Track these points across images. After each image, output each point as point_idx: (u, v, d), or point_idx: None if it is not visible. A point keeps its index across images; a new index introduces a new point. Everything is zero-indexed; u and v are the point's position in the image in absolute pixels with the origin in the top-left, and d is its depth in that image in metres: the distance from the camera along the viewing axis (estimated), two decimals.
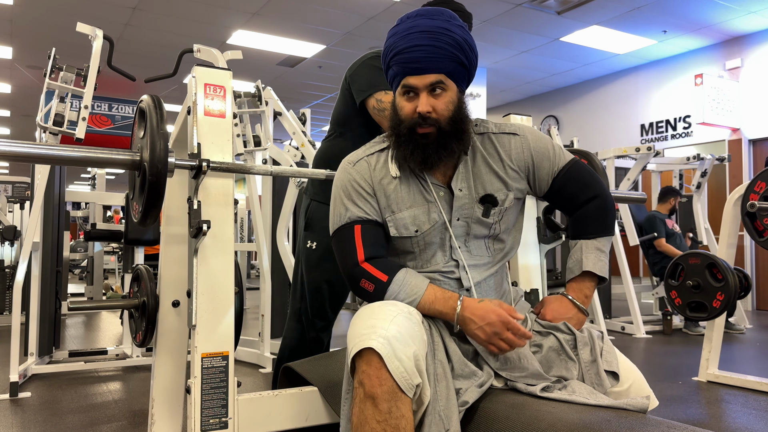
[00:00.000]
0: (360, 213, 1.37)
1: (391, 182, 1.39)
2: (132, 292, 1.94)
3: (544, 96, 9.29)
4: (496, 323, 1.24)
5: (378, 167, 1.41)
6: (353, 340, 1.21)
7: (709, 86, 6.59)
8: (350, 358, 1.22)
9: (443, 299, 1.30)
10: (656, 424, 1.10)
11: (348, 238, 1.36)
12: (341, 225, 1.39)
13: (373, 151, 1.43)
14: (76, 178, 17.90)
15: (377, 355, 1.15)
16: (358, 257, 1.34)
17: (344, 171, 1.42)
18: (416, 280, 1.32)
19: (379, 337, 1.17)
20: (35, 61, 7.60)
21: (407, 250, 1.41)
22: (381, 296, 1.31)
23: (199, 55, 3.34)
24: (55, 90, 3.19)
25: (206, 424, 1.42)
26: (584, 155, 2.17)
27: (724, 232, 3.13)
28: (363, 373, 1.17)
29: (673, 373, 3.47)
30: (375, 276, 1.32)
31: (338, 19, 6.35)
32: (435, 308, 1.30)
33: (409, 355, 1.17)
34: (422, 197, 1.38)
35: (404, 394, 1.16)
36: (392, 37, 1.35)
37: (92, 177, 7.03)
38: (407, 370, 1.16)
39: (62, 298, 4.85)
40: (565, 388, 1.29)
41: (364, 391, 1.17)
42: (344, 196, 1.40)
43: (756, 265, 6.74)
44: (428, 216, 1.37)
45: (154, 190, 1.37)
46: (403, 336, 1.19)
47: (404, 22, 1.35)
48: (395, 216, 1.38)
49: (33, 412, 2.68)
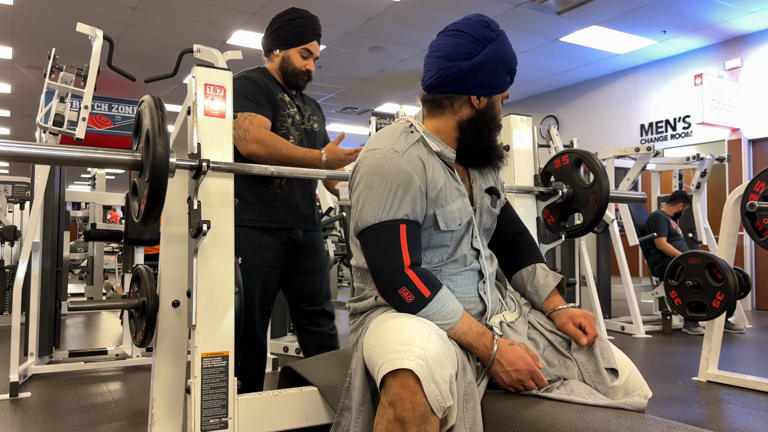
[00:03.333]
0: (408, 211, 1.31)
1: (440, 175, 1.37)
2: (132, 292, 1.94)
3: (544, 96, 9.29)
4: (524, 371, 1.26)
5: (426, 160, 1.36)
6: (386, 355, 1.17)
7: (708, 86, 6.59)
8: (381, 374, 1.16)
9: (477, 333, 1.29)
10: (656, 423, 1.10)
11: (391, 237, 1.29)
12: (385, 221, 1.30)
13: (413, 141, 1.37)
14: (76, 178, 17.90)
15: (414, 377, 1.12)
16: (404, 261, 1.28)
17: (389, 159, 1.32)
18: (455, 305, 1.30)
19: (417, 357, 1.13)
20: (35, 61, 7.60)
21: (443, 244, 1.39)
22: (416, 310, 1.27)
23: (199, 55, 3.35)
24: (55, 90, 3.19)
25: (206, 424, 1.43)
26: (584, 155, 2.17)
27: (723, 232, 3.13)
28: (396, 396, 1.13)
29: (672, 373, 3.48)
30: (418, 288, 1.27)
31: (338, 19, 6.35)
32: (466, 339, 1.28)
33: (446, 377, 1.15)
34: (457, 191, 1.40)
35: (434, 415, 1.14)
36: (511, 48, 1.41)
37: (92, 177, 7.04)
38: (442, 393, 1.14)
39: (62, 298, 4.85)
40: (564, 387, 1.30)
41: (394, 414, 1.13)
42: (393, 188, 1.30)
43: (756, 265, 6.74)
44: (466, 209, 1.40)
45: (155, 191, 1.37)
46: (440, 357, 1.16)
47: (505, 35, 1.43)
48: (444, 209, 1.35)
49: (33, 412, 2.68)
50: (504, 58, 1.38)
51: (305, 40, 2.12)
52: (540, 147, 3.11)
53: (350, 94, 9.46)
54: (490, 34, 1.37)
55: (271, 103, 2.06)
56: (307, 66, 2.14)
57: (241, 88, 1.98)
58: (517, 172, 2.16)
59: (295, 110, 2.14)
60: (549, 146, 5.42)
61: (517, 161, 2.17)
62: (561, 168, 2.20)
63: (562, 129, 8.86)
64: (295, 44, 2.12)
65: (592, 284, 4.87)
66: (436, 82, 1.39)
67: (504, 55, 1.38)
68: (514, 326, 1.43)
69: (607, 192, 2.06)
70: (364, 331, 1.36)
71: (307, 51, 2.13)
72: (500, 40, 1.38)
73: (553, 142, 5.37)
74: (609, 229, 5.15)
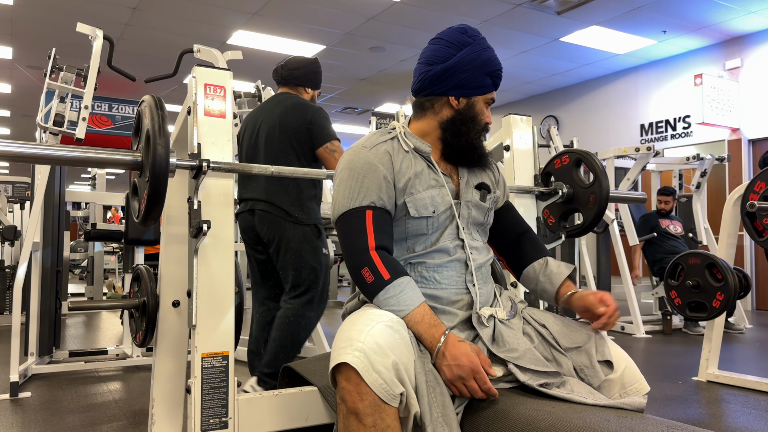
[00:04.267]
0: (374, 198, 1.38)
1: (410, 167, 1.43)
2: (132, 292, 1.94)
3: (544, 96, 9.29)
4: (465, 368, 1.23)
5: (394, 153, 1.44)
6: (332, 354, 1.23)
7: (708, 86, 6.59)
8: (329, 372, 1.22)
9: (429, 324, 1.30)
10: (656, 423, 1.11)
11: (358, 222, 1.36)
12: (352, 208, 1.38)
13: (386, 139, 1.47)
14: (76, 178, 17.90)
15: (354, 369, 1.16)
16: (369, 243, 1.34)
17: (357, 154, 1.43)
18: (414, 294, 1.32)
19: (355, 350, 1.17)
20: (35, 61, 7.60)
21: (420, 233, 1.43)
22: (376, 292, 1.31)
23: (199, 55, 3.35)
24: (55, 90, 3.19)
25: (206, 424, 1.43)
26: (584, 155, 2.17)
27: (723, 232, 3.13)
28: (343, 390, 1.18)
29: (672, 372, 3.48)
30: (379, 270, 1.32)
31: (338, 19, 6.35)
32: (417, 329, 1.30)
33: (388, 365, 1.17)
34: (435, 181, 1.45)
35: (387, 404, 1.17)
36: (489, 51, 1.47)
37: (92, 177, 7.03)
38: (387, 381, 1.16)
39: (62, 298, 4.85)
40: (563, 385, 1.30)
41: (346, 407, 1.17)
42: (361, 177, 1.39)
43: (756, 264, 6.74)
44: (443, 198, 1.44)
45: (155, 190, 1.37)
46: (380, 347, 1.19)
47: (485, 40, 1.49)
48: (415, 197, 1.41)
49: (33, 412, 2.68)
50: (479, 59, 1.45)
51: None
52: (540, 147, 3.11)
53: (350, 94, 9.47)
54: (465, 39, 1.46)
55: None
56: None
57: (327, 118, 2.57)
58: (517, 172, 2.16)
59: None
60: (549, 146, 5.42)
61: (517, 161, 2.17)
62: (561, 168, 2.21)
63: (562, 129, 8.86)
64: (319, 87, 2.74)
65: (592, 284, 4.87)
66: (418, 86, 1.49)
67: (479, 57, 1.45)
68: (509, 323, 1.43)
69: (607, 191, 2.06)
70: None
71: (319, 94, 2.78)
72: (476, 44, 1.46)
73: (553, 142, 5.37)
74: (609, 229, 5.15)
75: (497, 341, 1.38)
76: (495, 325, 1.41)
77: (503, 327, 1.41)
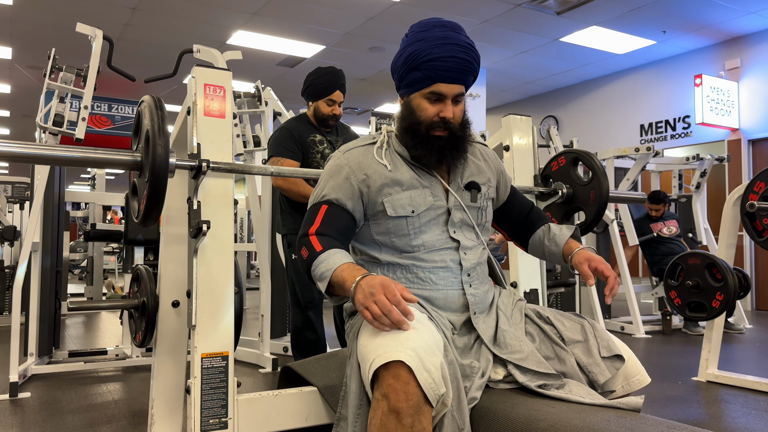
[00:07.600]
0: (333, 196, 1.43)
1: (387, 169, 1.45)
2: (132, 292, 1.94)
3: (543, 96, 9.29)
4: (376, 285, 1.21)
5: (370, 156, 1.47)
6: (375, 351, 1.19)
7: (708, 86, 6.60)
8: (372, 369, 1.18)
9: (352, 269, 1.29)
10: (656, 423, 1.11)
11: (313, 213, 1.42)
12: (313, 203, 1.45)
13: (366, 143, 1.50)
14: (76, 178, 17.89)
15: (406, 368, 1.14)
16: (311, 229, 1.40)
17: (335, 158, 1.50)
18: (343, 257, 1.33)
19: (407, 348, 1.15)
20: (35, 61, 7.60)
21: (402, 232, 1.43)
22: (311, 263, 1.34)
23: (199, 55, 3.35)
24: (55, 90, 3.19)
25: (206, 425, 1.43)
26: (581, 154, 2.17)
27: (723, 232, 3.13)
28: (389, 387, 1.15)
29: (672, 373, 3.48)
30: (314, 246, 1.36)
31: (338, 19, 6.35)
32: (343, 275, 1.28)
33: (437, 365, 1.17)
34: (418, 183, 1.45)
35: (428, 405, 1.16)
36: (422, 42, 1.40)
37: (92, 177, 7.03)
38: (435, 380, 1.16)
39: (62, 298, 4.85)
40: (562, 387, 1.30)
41: (388, 405, 1.14)
42: (328, 178, 1.46)
43: (755, 265, 6.74)
44: (424, 198, 1.44)
45: (155, 191, 1.37)
46: (429, 345, 1.19)
47: (431, 30, 1.41)
48: (393, 197, 1.43)
49: (33, 413, 2.68)
50: (403, 55, 1.43)
51: (329, 92, 2.77)
52: (540, 147, 3.11)
53: (350, 94, 9.46)
54: (409, 34, 1.45)
55: (302, 146, 2.73)
56: (333, 111, 2.80)
57: (277, 137, 2.72)
58: (517, 172, 2.16)
59: (325, 146, 2.78)
60: (549, 146, 5.42)
61: (516, 161, 2.17)
62: (559, 170, 2.21)
63: (562, 129, 8.86)
64: (321, 96, 2.77)
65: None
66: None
67: (404, 52, 1.43)
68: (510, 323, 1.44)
69: (607, 187, 2.07)
70: (355, 336, 1.38)
71: (331, 101, 2.78)
72: (408, 39, 1.45)
73: (553, 142, 5.37)
74: (609, 229, 5.15)
75: (499, 342, 1.38)
76: (497, 325, 1.41)
77: (505, 327, 1.41)
